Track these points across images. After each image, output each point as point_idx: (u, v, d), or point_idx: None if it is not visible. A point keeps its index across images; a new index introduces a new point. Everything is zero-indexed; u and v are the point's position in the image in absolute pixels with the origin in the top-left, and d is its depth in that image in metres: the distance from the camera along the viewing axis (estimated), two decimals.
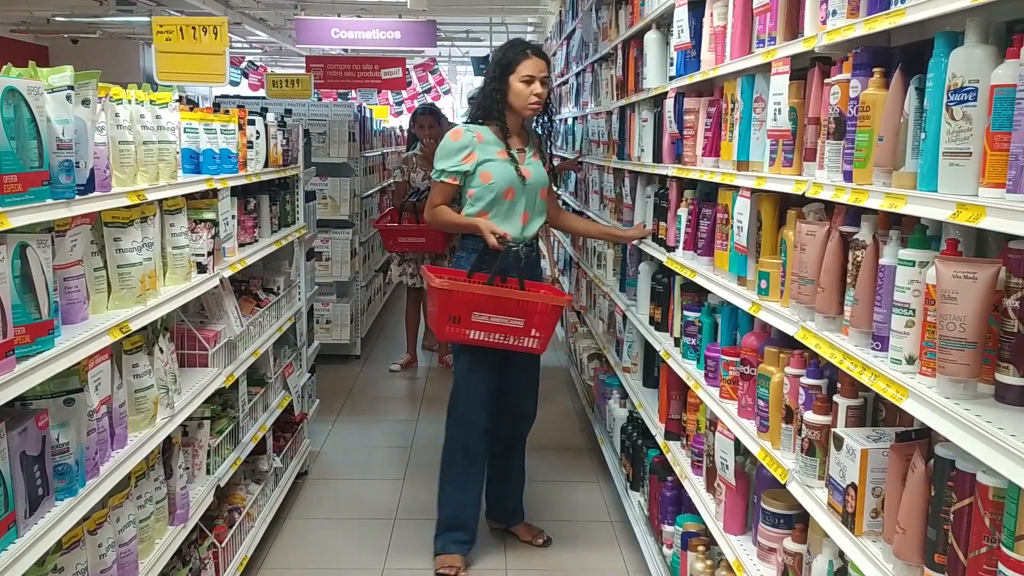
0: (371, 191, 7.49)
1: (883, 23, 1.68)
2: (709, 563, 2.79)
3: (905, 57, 1.74)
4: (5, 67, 1.88)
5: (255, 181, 3.52)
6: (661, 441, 3.40)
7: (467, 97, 3.52)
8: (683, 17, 3.04)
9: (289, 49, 14.92)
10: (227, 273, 3.09)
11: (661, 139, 3.48)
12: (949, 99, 1.50)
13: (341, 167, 6.71)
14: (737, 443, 2.52)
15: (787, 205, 2.35)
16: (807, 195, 2.05)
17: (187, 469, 2.83)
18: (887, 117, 1.71)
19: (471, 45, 15.34)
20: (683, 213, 3.14)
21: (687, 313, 3.10)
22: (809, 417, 2.04)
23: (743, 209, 2.49)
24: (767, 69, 2.30)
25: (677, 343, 3.24)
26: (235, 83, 14.90)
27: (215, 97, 6.77)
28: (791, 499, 2.19)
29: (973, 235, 1.65)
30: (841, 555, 1.94)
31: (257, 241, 3.65)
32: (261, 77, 15.49)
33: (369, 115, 7.92)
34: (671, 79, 3.33)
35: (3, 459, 1.74)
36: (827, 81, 1.98)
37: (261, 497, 3.64)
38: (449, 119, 7.09)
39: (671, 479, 3.26)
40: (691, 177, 3.00)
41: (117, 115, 2.31)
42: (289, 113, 4.66)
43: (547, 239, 3.60)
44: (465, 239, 3.53)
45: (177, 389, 2.65)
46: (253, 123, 3.54)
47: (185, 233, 2.72)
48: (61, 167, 1.94)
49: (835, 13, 1.92)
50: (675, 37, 3.14)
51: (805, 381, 2.13)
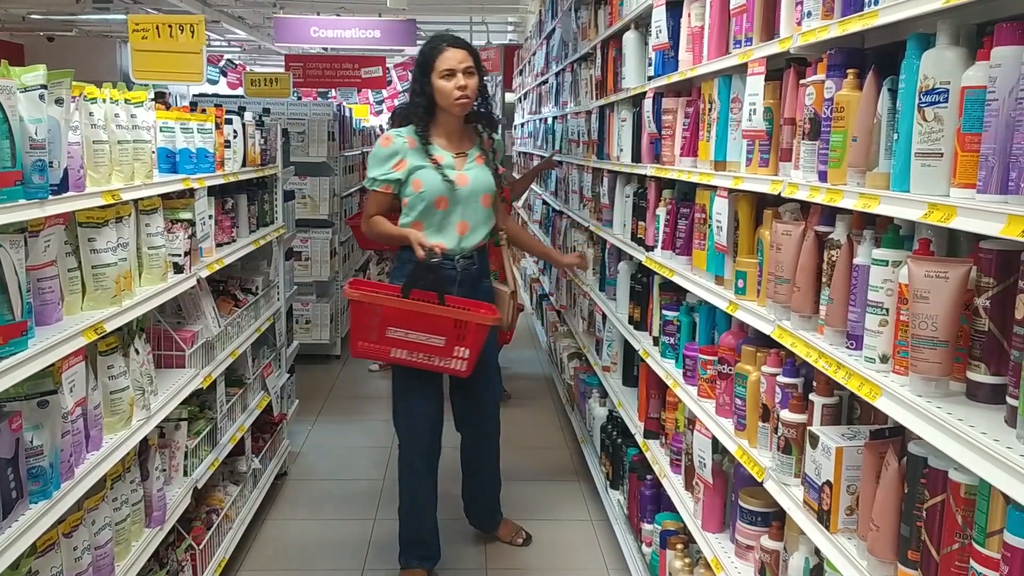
0: (351, 190, 7.47)
1: (856, 25, 1.69)
2: (688, 561, 2.80)
3: (878, 58, 1.76)
4: None
5: (233, 181, 3.50)
6: (640, 440, 3.41)
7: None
8: (661, 17, 3.05)
9: (268, 48, 14.84)
10: (204, 273, 3.07)
11: (640, 139, 3.50)
12: (921, 100, 1.52)
13: (320, 166, 6.68)
14: (715, 441, 2.53)
15: (764, 205, 2.37)
16: (783, 195, 2.06)
17: (164, 471, 2.81)
18: (861, 118, 1.72)
19: None
20: (662, 213, 3.16)
21: (666, 312, 3.11)
22: (785, 415, 2.06)
23: (721, 209, 2.50)
24: (744, 70, 2.31)
25: (656, 342, 3.25)
26: (213, 82, 14.81)
27: (193, 96, 6.73)
28: (768, 497, 2.21)
29: (945, 235, 1.66)
30: (817, 552, 1.96)
31: (235, 241, 3.63)
32: (240, 76, 15.39)
33: (349, 114, 7.89)
34: (649, 79, 3.34)
35: None
36: (802, 82, 2.00)
37: (240, 498, 3.62)
38: None
39: (650, 478, 3.28)
40: (669, 177, 3.02)
41: (91, 114, 2.29)
42: (267, 112, 4.63)
43: (507, 250, 3.49)
44: (403, 251, 3.31)
45: (153, 390, 2.63)
46: (230, 122, 3.52)
47: (161, 233, 2.70)
48: (34, 167, 1.92)
49: (810, 15, 1.93)
50: (653, 37, 3.16)
51: (781, 380, 2.14)
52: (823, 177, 1.87)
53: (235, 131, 3.55)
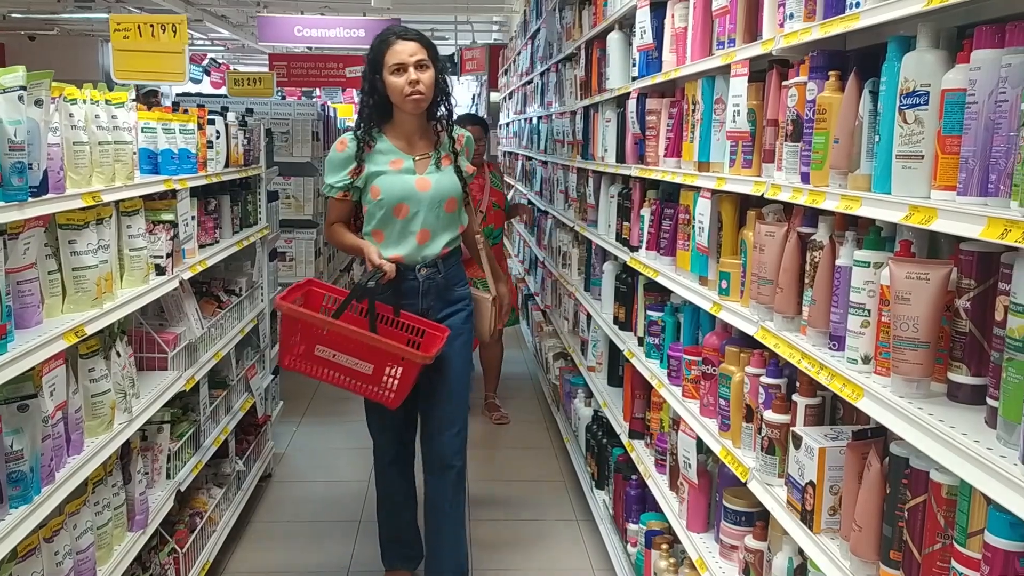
0: None
1: (838, 27, 1.70)
2: (672, 561, 2.81)
3: (860, 60, 1.77)
4: None
5: (216, 181, 3.48)
6: (625, 440, 3.41)
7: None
8: (645, 18, 3.06)
9: (252, 47, 14.78)
10: (187, 275, 3.05)
11: (624, 139, 3.50)
12: (901, 103, 1.53)
13: (305, 166, 6.65)
14: (699, 442, 2.54)
15: (747, 206, 2.37)
16: (766, 196, 2.07)
17: (146, 474, 2.79)
18: (842, 120, 1.73)
19: (436, 43, 15.27)
20: (646, 213, 3.16)
21: (650, 313, 3.12)
22: (769, 416, 2.07)
23: (704, 210, 2.51)
24: (727, 71, 2.32)
25: (641, 342, 3.26)
26: (197, 81, 14.72)
27: (176, 95, 6.69)
28: (752, 497, 2.21)
29: (926, 236, 1.67)
30: (801, 552, 1.97)
31: (218, 242, 3.61)
32: (223, 75, 15.31)
33: (333, 114, 7.86)
34: (634, 79, 3.35)
35: None
36: (785, 84, 2.00)
37: (223, 501, 3.60)
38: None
39: (635, 478, 3.28)
40: (653, 178, 3.02)
41: (71, 115, 2.27)
42: (251, 112, 4.60)
43: (485, 252, 3.25)
44: (358, 263, 3.16)
45: (135, 393, 2.61)
46: (213, 123, 3.50)
47: (143, 235, 2.68)
48: (13, 169, 1.90)
49: (792, 16, 1.94)
50: (637, 38, 3.16)
51: (765, 380, 2.15)
52: (805, 178, 1.88)
53: (218, 131, 3.52)
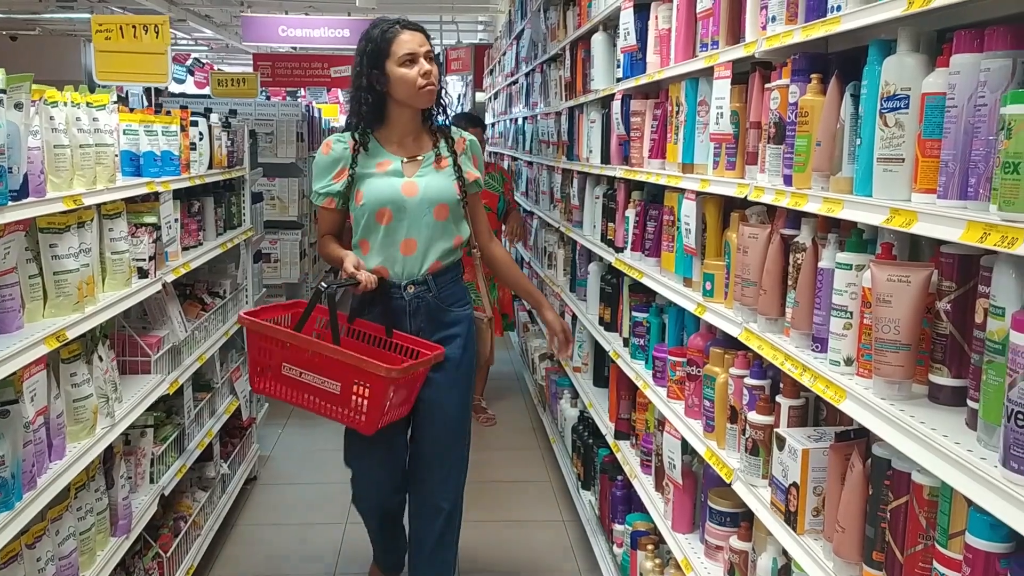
0: None
1: (820, 31, 1.70)
2: (658, 562, 2.82)
3: (842, 63, 1.77)
4: None
5: (199, 183, 3.46)
6: (611, 440, 3.42)
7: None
8: (629, 20, 3.06)
9: (236, 46, 14.71)
10: (170, 278, 3.04)
11: (609, 140, 3.50)
12: (882, 106, 1.53)
13: (289, 167, 6.63)
14: (684, 443, 2.54)
15: (731, 207, 2.38)
16: (749, 198, 2.07)
17: (129, 479, 2.78)
18: (824, 123, 1.74)
19: None
20: (631, 214, 3.17)
21: (635, 314, 3.12)
22: (753, 417, 2.07)
23: (689, 212, 2.51)
24: (710, 73, 2.32)
25: (626, 343, 3.26)
26: (180, 81, 14.63)
27: (159, 97, 6.64)
28: (737, 498, 2.22)
29: (907, 239, 1.68)
30: (785, 553, 1.97)
31: (202, 244, 3.59)
32: (207, 75, 15.23)
33: (318, 114, 7.83)
34: (618, 81, 3.35)
35: None
36: (767, 86, 2.01)
37: (208, 504, 3.58)
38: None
39: (621, 478, 3.29)
40: (638, 179, 3.03)
41: (52, 118, 2.25)
42: (234, 113, 4.58)
43: (481, 270, 2.96)
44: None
45: (118, 397, 2.60)
46: (196, 124, 3.48)
47: (125, 238, 2.66)
48: None
49: (774, 19, 1.95)
50: (621, 39, 3.17)
51: (749, 382, 2.15)
52: (788, 181, 1.89)
53: (201, 133, 3.51)
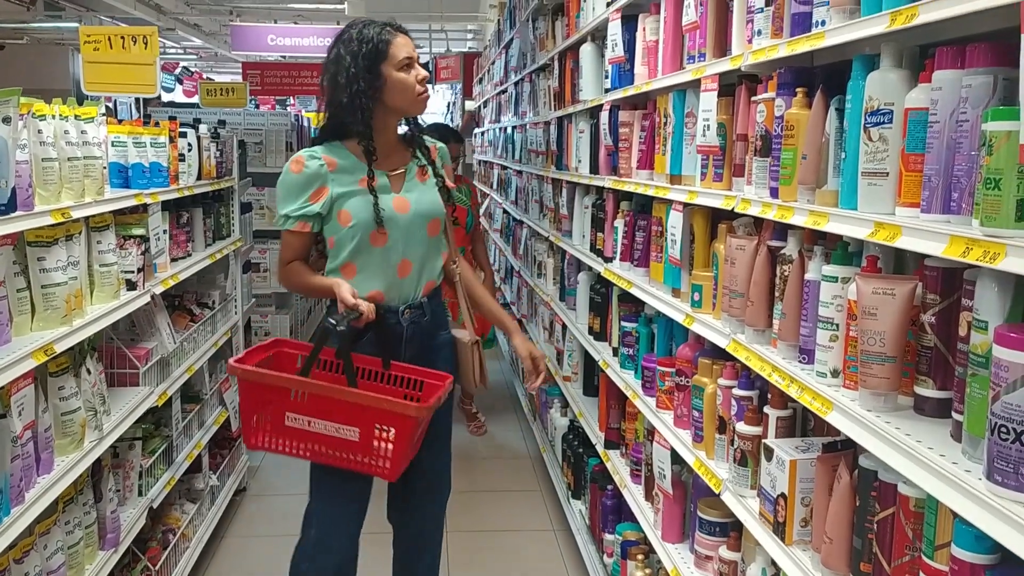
0: None
1: (804, 45, 1.72)
2: (648, 571, 2.82)
3: (827, 77, 1.79)
4: None
5: (188, 195, 3.46)
6: (601, 450, 3.42)
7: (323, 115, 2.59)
8: (617, 31, 3.08)
9: (225, 55, 14.70)
10: (159, 289, 3.03)
11: (597, 151, 3.52)
12: (866, 120, 1.55)
13: (278, 177, 6.62)
14: (674, 453, 2.55)
15: (719, 218, 2.39)
16: (736, 210, 2.09)
17: (118, 492, 2.77)
18: (810, 136, 1.75)
19: None
20: (619, 225, 3.18)
21: (624, 323, 3.13)
22: (741, 428, 2.08)
23: (676, 223, 2.53)
24: (698, 85, 2.34)
25: (615, 353, 3.27)
26: (169, 90, 14.61)
27: (147, 107, 6.63)
28: (726, 508, 2.23)
29: (892, 251, 1.70)
30: (773, 563, 1.98)
31: (191, 255, 3.59)
32: (196, 84, 15.21)
33: (307, 123, 7.83)
34: (606, 91, 3.37)
35: None
36: (754, 99, 2.03)
37: (197, 516, 3.56)
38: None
39: (611, 488, 3.29)
40: (626, 190, 3.04)
41: (40, 131, 2.25)
42: (223, 124, 4.58)
43: (462, 285, 2.74)
44: (331, 304, 2.51)
45: (106, 410, 2.59)
46: (185, 135, 3.48)
47: (113, 250, 2.66)
48: None
49: (760, 33, 1.97)
50: (609, 50, 3.18)
51: (737, 392, 2.16)
52: (774, 193, 1.90)
53: (189, 144, 3.50)
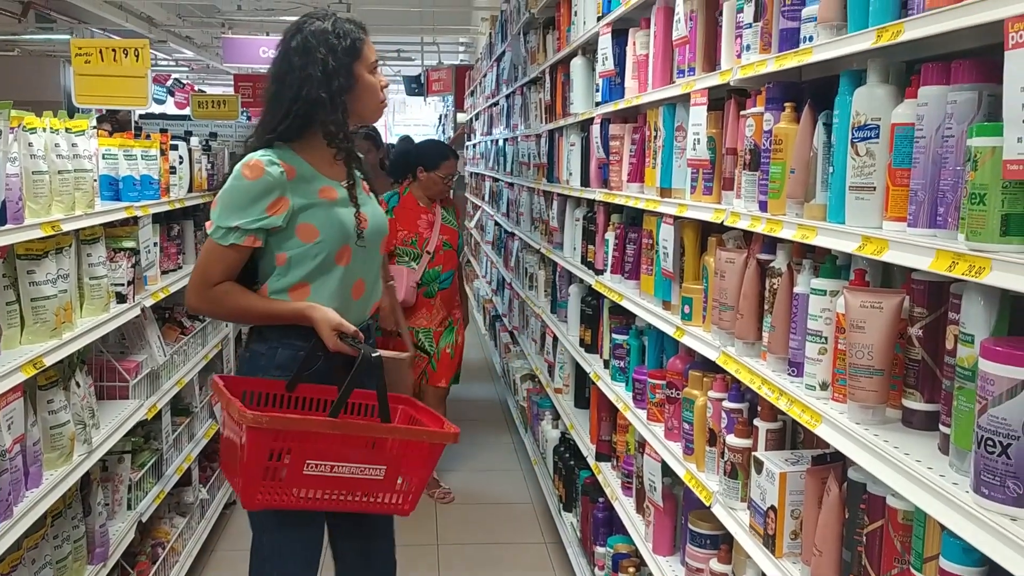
0: None
1: (792, 61, 1.74)
2: None
3: (815, 92, 1.80)
4: None
5: (179, 207, 3.45)
6: (592, 462, 3.42)
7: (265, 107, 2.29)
8: (607, 45, 3.09)
9: (216, 67, 14.71)
10: (149, 302, 3.03)
11: (588, 163, 3.53)
12: (854, 135, 1.56)
13: None
14: (664, 465, 2.55)
15: (709, 231, 2.41)
16: (725, 224, 2.10)
17: (107, 505, 2.75)
18: (798, 151, 1.76)
19: (403, 64, 15.36)
20: (610, 237, 3.19)
21: (615, 336, 3.14)
22: (731, 440, 2.09)
23: (667, 235, 2.54)
24: (688, 99, 2.36)
25: (606, 365, 3.28)
26: (160, 101, 14.60)
27: (138, 119, 6.62)
28: (717, 520, 2.23)
29: (880, 265, 1.71)
30: None
31: (181, 268, 3.58)
32: (187, 95, 15.22)
33: None
34: (597, 105, 3.38)
35: None
36: (743, 113, 2.04)
37: (187, 530, 3.55)
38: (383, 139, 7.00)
39: (602, 500, 3.29)
40: (617, 202, 3.05)
41: (31, 144, 2.25)
42: (214, 136, 4.58)
43: (393, 294, 2.66)
44: (270, 330, 2.23)
45: (95, 424, 2.58)
46: (176, 148, 3.48)
47: (103, 263, 2.65)
48: None
49: (749, 48, 1.98)
50: (600, 64, 3.20)
51: (727, 405, 2.17)
52: (763, 207, 1.91)
53: (181, 157, 3.51)
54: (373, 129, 5.66)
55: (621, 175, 3.06)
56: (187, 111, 13.42)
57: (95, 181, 2.70)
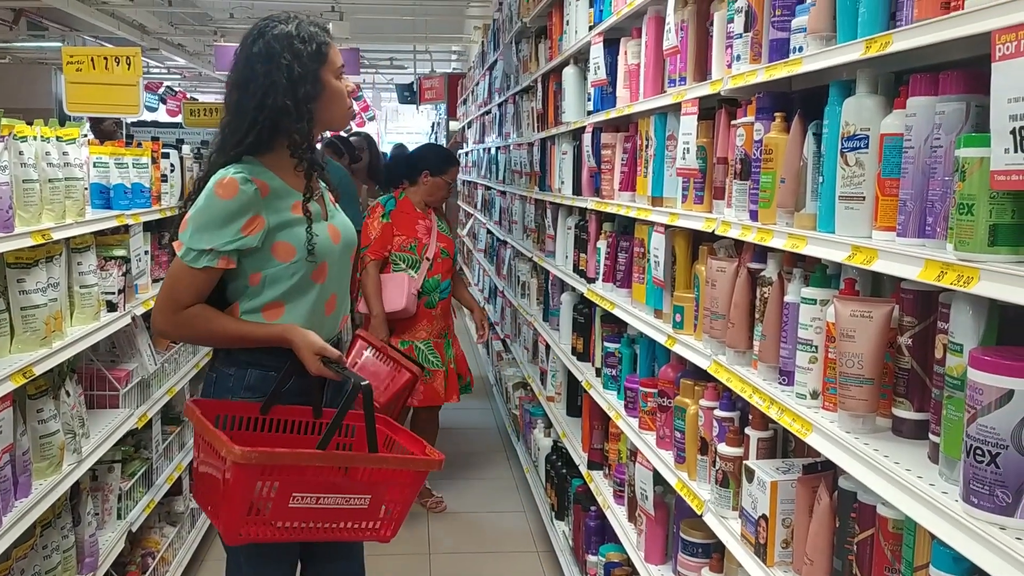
0: None
1: (782, 71, 1.75)
2: None
3: (805, 102, 1.82)
4: None
5: (170, 215, 3.45)
6: (584, 471, 3.42)
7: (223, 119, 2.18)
8: (599, 54, 3.11)
9: (209, 75, 14.70)
10: (139, 311, 3.02)
11: (580, 172, 3.54)
12: (843, 146, 1.57)
13: None
14: (656, 474, 2.55)
15: (700, 240, 2.41)
16: (716, 233, 2.10)
17: (96, 515, 2.74)
18: (788, 160, 1.77)
19: (395, 72, 15.38)
20: (602, 246, 3.20)
21: (607, 344, 3.14)
22: (722, 449, 2.09)
23: (659, 244, 2.54)
24: (679, 108, 2.37)
25: (598, 373, 3.28)
26: (152, 109, 14.57)
27: (129, 126, 6.61)
28: (708, 529, 2.23)
29: (869, 274, 1.72)
30: None
31: None
32: (179, 103, 15.18)
33: None
34: (589, 114, 3.40)
35: None
36: (733, 123, 2.05)
37: (177, 540, 3.53)
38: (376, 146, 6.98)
39: (594, 509, 3.29)
40: (609, 211, 3.06)
41: (21, 153, 2.25)
42: (206, 144, 4.57)
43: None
44: (240, 350, 2.12)
45: (85, 433, 2.57)
46: (167, 156, 3.47)
47: (94, 271, 2.65)
48: None
49: (739, 58, 1.99)
50: (592, 73, 3.21)
51: (718, 413, 2.17)
52: (754, 216, 1.92)
53: (172, 165, 3.50)
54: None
55: (613, 184, 3.07)
56: (179, 119, 13.40)
57: (86, 189, 2.70)
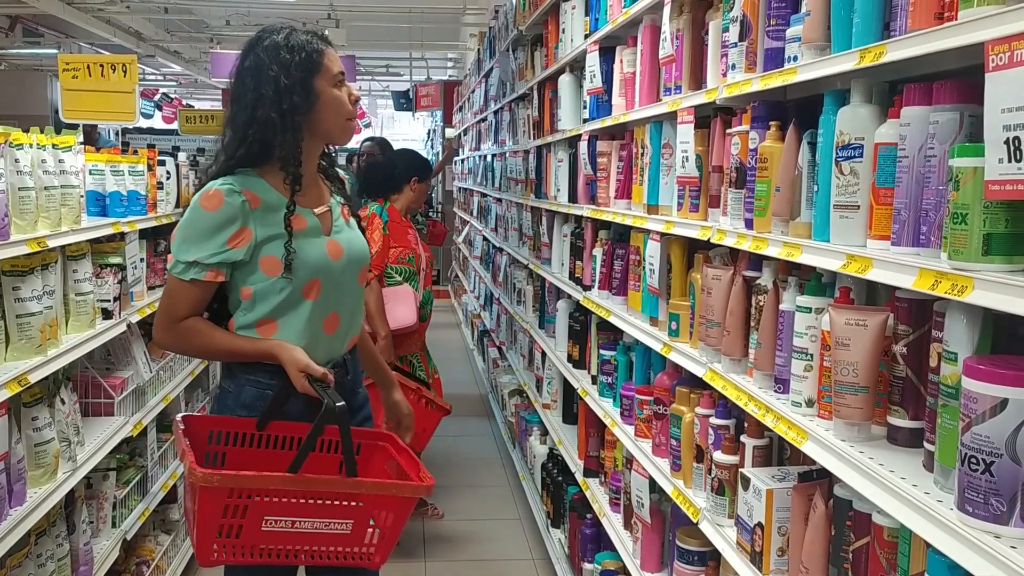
0: None
1: (777, 80, 1.75)
2: None
3: (800, 111, 1.82)
4: None
5: (166, 223, 3.45)
6: (580, 478, 3.42)
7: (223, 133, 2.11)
8: (595, 62, 3.12)
9: (205, 82, 14.71)
10: (135, 318, 3.01)
11: (576, 180, 3.55)
12: (838, 155, 1.58)
13: None
14: (652, 481, 2.55)
15: (696, 247, 2.42)
16: (712, 241, 2.11)
17: (91, 523, 2.73)
18: (783, 169, 1.78)
19: (391, 79, 15.40)
20: (598, 253, 3.20)
21: (603, 351, 3.14)
22: (718, 457, 2.09)
23: (654, 252, 2.55)
24: (674, 116, 2.37)
25: (594, 381, 3.28)
26: (148, 116, 14.58)
27: (125, 135, 6.62)
28: (704, 537, 2.23)
29: (864, 283, 1.72)
30: None
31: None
32: (175, 110, 15.20)
33: None
34: (585, 122, 3.41)
35: None
36: (728, 132, 2.06)
37: (172, 548, 3.52)
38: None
39: (590, 516, 3.28)
40: (605, 219, 3.06)
41: (17, 161, 2.24)
42: (202, 152, 4.58)
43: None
44: (237, 366, 2.09)
45: (80, 441, 2.56)
46: (163, 163, 3.47)
47: (89, 279, 2.64)
48: None
49: (734, 67, 2.00)
50: (588, 81, 3.22)
51: (714, 421, 2.17)
52: (749, 225, 1.93)
53: (168, 172, 3.50)
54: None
55: (608, 191, 3.08)
56: (175, 125, 13.41)
57: (82, 197, 2.69)
